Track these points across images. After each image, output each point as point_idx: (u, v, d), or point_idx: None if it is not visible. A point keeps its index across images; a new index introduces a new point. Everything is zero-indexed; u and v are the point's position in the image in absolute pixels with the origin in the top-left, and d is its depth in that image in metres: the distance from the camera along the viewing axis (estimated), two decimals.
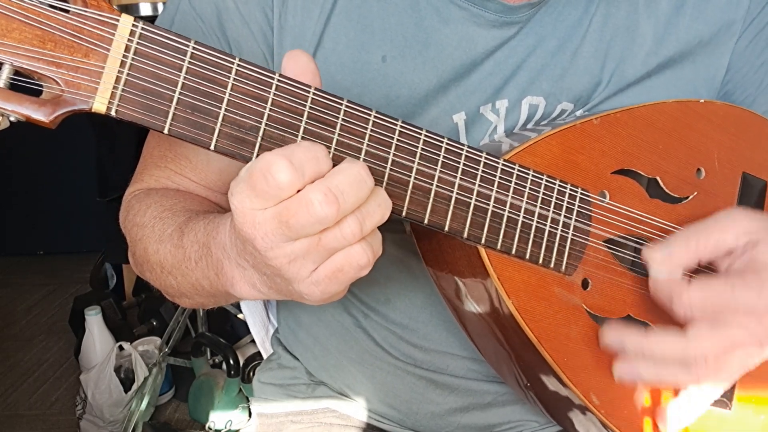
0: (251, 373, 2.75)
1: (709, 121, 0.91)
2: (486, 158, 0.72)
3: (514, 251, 0.75)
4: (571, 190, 0.79)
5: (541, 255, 0.77)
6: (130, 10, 2.90)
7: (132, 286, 3.74)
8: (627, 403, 0.85)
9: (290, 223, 0.58)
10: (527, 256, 0.76)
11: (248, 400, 2.77)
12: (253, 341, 2.53)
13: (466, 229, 0.71)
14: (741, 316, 0.76)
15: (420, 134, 0.67)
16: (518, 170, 0.74)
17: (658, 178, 0.86)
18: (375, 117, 0.65)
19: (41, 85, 0.53)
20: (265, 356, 1.38)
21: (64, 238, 4.70)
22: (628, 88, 0.96)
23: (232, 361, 2.76)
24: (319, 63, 0.90)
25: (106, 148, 3.86)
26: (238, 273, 0.71)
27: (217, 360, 3.01)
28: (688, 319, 0.77)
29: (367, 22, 0.90)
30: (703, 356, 0.76)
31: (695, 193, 0.89)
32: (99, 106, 0.53)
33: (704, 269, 0.82)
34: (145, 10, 2.91)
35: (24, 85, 0.52)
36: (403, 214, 0.67)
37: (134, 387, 2.80)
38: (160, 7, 2.91)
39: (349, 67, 0.91)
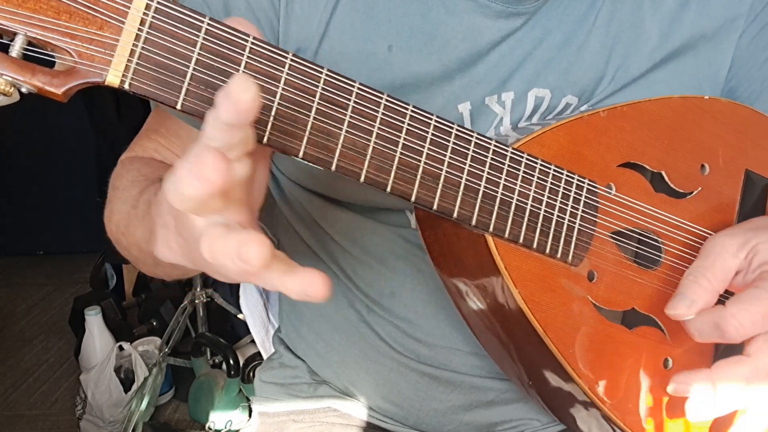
0: (251, 373, 2.75)
1: (714, 117, 0.91)
2: (495, 146, 0.72)
3: (521, 240, 0.75)
4: (578, 180, 0.79)
5: (549, 244, 0.77)
6: None
7: (132, 286, 3.74)
8: (631, 395, 0.85)
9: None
10: (534, 246, 0.76)
11: (248, 400, 2.77)
12: (253, 341, 2.53)
13: (475, 216, 0.71)
14: None
15: (431, 119, 0.67)
16: (527, 159, 0.74)
17: (663, 173, 0.86)
18: (386, 101, 0.65)
19: (54, 57, 0.53)
20: (265, 356, 1.39)
21: (64, 238, 4.70)
22: (632, 83, 0.96)
23: (232, 361, 2.76)
24: (325, 52, 0.91)
25: (105, 148, 3.87)
26: (162, 233, 0.67)
27: (217, 360, 3.01)
28: (743, 338, 0.78)
29: (373, 12, 0.91)
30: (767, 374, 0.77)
31: (699, 188, 0.89)
32: (113, 78, 0.53)
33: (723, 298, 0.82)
34: None
35: (37, 56, 0.52)
36: (413, 198, 0.67)
37: (134, 387, 2.80)
38: None
39: (355, 56, 0.91)
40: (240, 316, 2.93)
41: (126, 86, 0.54)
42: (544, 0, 0.92)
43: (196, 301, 3.06)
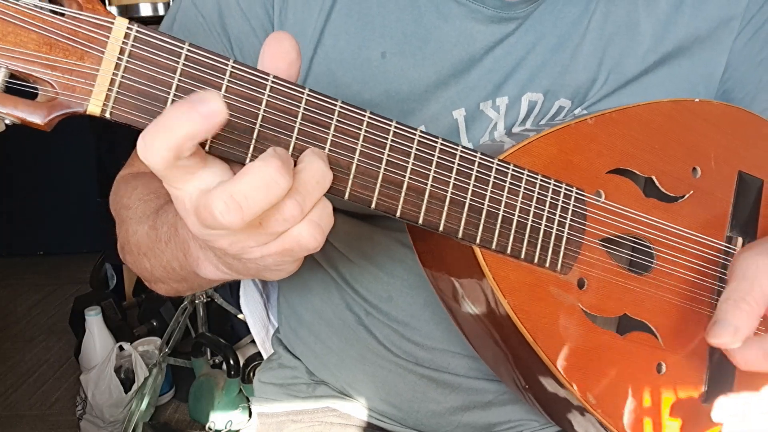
0: (251, 374, 2.76)
1: (705, 120, 0.91)
2: (480, 158, 0.72)
3: (509, 251, 0.75)
4: (566, 189, 0.79)
5: (537, 254, 0.77)
6: (131, 10, 2.91)
7: (132, 286, 3.74)
8: (625, 402, 0.85)
9: (207, 224, 0.56)
10: (522, 256, 0.76)
11: (248, 401, 2.77)
12: (253, 341, 2.53)
13: (461, 229, 0.71)
14: None
15: (414, 135, 0.67)
16: (513, 170, 0.74)
17: (653, 178, 0.86)
18: (369, 118, 0.65)
19: (36, 88, 0.53)
20: (265, 356, 1.39)
21: (64, 239, 4.70)
22: (626, 85, 0.96)
23: (232, 362, 2.76)
24: (319, 59, 0.91)
25: (105, 148, 3.86)
26: (202, 254, 0.70)
27: (217, 360, 3.01)
28: None
29: (367, 18, 0.91)
30: None
31: (691, 192, 0.89)
32: (94, 108, 0.53)
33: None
34: (146, 10, 2.92)
35: (19, 88, 0.52)
36: (398, 214, 0.67)
37: (134, 387, 2.81)
38: (161, 7, 2.92)
39: (349, 63, 0.91)
40: (240, 316, 2.93)
41: (107, 115, 0.54)
42: (537, 4, 0.92)
43: (196, 302, 3.06)
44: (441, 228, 0.70)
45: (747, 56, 1.00)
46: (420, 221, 0.69)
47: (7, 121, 0.52)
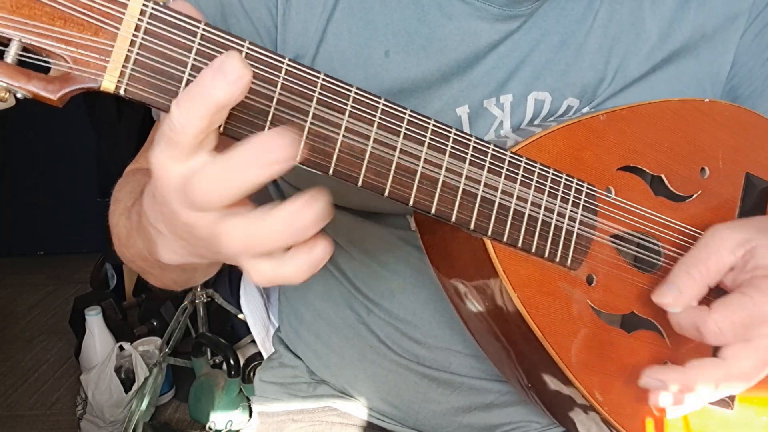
0: (251, 374, 2.76)
1: (714, 120, 0.91)
2: (494, 150, 0.72)
3: (520, 244, 0.75)
4: (577, 184, 0.79)
5: (547, 248, 0.77)
6: None
7: (132, 286, 3.75)
8: (630, 400, 0.85)
9: (189, 195, 0.54)
10: (533, 249, 0.76)
11: (249, 401, 2.77)
12: (253, 341, 2.53)
13: (473, 220, 0.71)
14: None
15: (428, 123, 0.67)
16: (525, 163, 0.74)
17: (662, 176, 0.86)
18: (384, 105, 0.64)
19: (49, 63, 0.53)
20: (265, 356, 1.39)
21: (64, 238, 4.71)
22: (632, 84, 0.96)
23: (232, 362, 2.76)
24: (322, 58, 0.91)
25: (105, 148, 3.87)
26: (160, 240, 0.68)
27: (217, 360, 3.01)
28: (721, 344, 0.77)
29: (369, 17, 0.91)
30: (744, 374, 0.77)
31: (699, 191, 0.89)
32: (108, 84, 0.53)
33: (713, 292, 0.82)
34: None
35: (32, 61, 0.52)
36: (411, 203, 0.67)
37: (134, 387, 2.81)
38: None
39: (352, 62, 0.91)
40: (240, 316, 2.93)
41: (122, 92, 0.53)
42: (541, 1, 0.92)
43: (197, 301, 3.07)
44: (453, 218, 0.70)
45: (754, 53, 1.00)
46: (433, 211, 0.69)
47: (19, 95, 0.51)
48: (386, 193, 0.66)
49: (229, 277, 3.08)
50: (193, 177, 0.53)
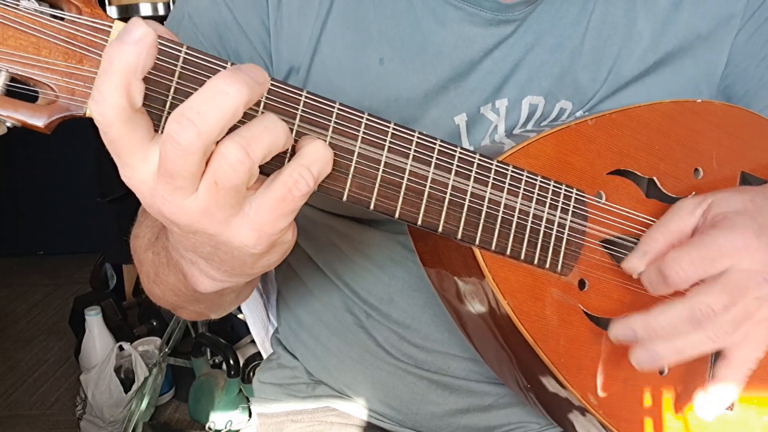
0: (251, 374, 2.76)
1: (707, 120, 0.90)
2: (479, 159, 0.72)
3: (508, 252, 0.75)
4: (566, 190, 0.79)
5: (536, 255, 0.77)
6: (131, 10, 2.91)
7: (132, 286, 3.75)
8: (626, 403, 0.85)
9: (168, 168, 0.54)
10: (522, 257, 0.76)
11: (248, 401, 2.78)
12: (253, 341, 2.53)
13: (460, 230, 0.72)
14: (728, 258, 0.75)
15: (413, 136, 0.67)
16: (512, 171, 0.74)
17: (655, 179, 0.86)
18: (367, 119, 0.65)
19: (36, 92, 0.54)
20: (265, 356, 1.39)
21: (64, 238, 4.70)
22: (627, 86, 0.96)
23: (232, 362, 2.76)
24: (317, 68, 0.91)
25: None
26: (194, 270, 0.69)
27: (217, 360, 3.01)
28: (686, 284, 0.76)
29: (363, 25, 0.91)
30: (708, 305, 0.74)
31: (693, 193, 0.88)
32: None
33: None
34: (145, 10, 2.91)
35: (20, 91, 0.52)
36: (396, 215, 0.67)
37: (134, 387, 2.81)
38: (160, 7, 2.92)
39: (347, 70, 0.91)
40: (240, 316, 2.93)
41: None
42: (535, 5, 0.92)
43: None
44: (440, 229, 0.70)
45: (748, 53, 1.00)
46: (419, 222, 0.69)
47: (8, 124, 0.52)
48: (371, 207, 0.66)
49: None
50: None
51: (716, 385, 0.82)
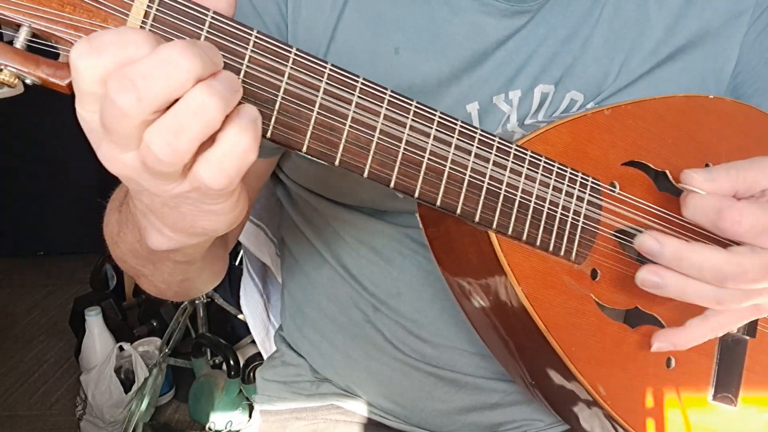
0: (251, 374, 2.76)
1: (718, 117, 0.91)
2: (499, 142, 0.72)
3: (525, 237, 0.75)
4: (582, 178, 0.79)
5: (552, 242, 0.77)
6: None
7: (132, 286, 3.74)
8: (634, 394, 0.85)
9: (106, 125, 0.51)
10: (538, 243, 0.76)
11: (248, 401, 2.78)
12: (253, 342, 2.53)
13: (478, 213, 0.71)
14: None
15: (434, 116, 0.67)
16: (531, 156, 0.74)
17: (667, 172, 0.86)
18: (390, 96, 0.64)
19: (58, 49, 0.53)
20: (265, 357, 1.39)
21: (64, 239, 4.70)
22: (637, 80, 0.96)
23: (232, 362, 2.77)
24: (332, 56, 0.91)
25: None
26: (146, 222, 0.67)
27: (217, 361, 3.01)
28: (733, 236, 0.73)
29: (379, 14, 0.91)
30: (744, 271, 0.72)
31: None
32: None
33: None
34: None
35: (41, 48, 0.52)
36: (416, 194, 0.67)
37: (134, 388, 2.81)
38: None
39: (362, 59, 0.91)
40: (240, 316, 2.93)
41: None
42: None
43: (197, 302, 3.07)
44: (459, 210, 0.70)
45: (758, 51, 1.00)
46: (438, 203, 0.69)
47: (28, 81, 0.51)
48: (392, 185, 0.66)
49: (229, 278, 3.08)
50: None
51: (678, 330, 0.82)
